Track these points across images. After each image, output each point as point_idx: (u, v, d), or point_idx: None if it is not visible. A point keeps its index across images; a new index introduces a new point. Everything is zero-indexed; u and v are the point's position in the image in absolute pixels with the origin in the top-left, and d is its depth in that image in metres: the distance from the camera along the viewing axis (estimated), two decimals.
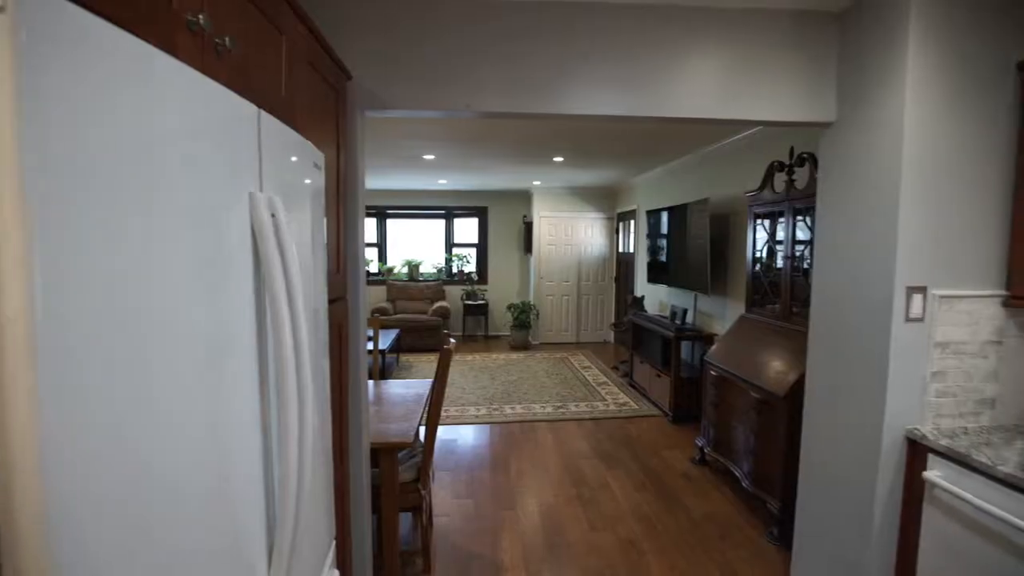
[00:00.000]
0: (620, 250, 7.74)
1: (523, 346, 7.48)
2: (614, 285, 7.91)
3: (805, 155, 2.95)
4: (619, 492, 3.19)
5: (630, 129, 4.02)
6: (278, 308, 0.84)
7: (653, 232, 5.69)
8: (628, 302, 6.50)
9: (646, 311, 5.89)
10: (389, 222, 8.29)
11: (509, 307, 7.68)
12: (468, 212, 8.36)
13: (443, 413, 4.55)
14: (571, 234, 7.80)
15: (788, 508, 2.57)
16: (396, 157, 5.23)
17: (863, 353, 1.84)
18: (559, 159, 5.32)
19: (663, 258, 5.41)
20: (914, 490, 1.72)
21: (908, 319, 1.72)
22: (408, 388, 2.83)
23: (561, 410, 4.73)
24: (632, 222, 7.15)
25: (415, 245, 8.36)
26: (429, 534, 2.49)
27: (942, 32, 1.65)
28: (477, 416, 4.55)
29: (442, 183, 7.34)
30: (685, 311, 4.87)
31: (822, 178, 2.07)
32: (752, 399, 2.91)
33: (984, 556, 1.47)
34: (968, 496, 1.50)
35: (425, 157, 5.24)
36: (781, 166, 3.18)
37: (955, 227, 1.72)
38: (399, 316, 7.15)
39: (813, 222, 2.51)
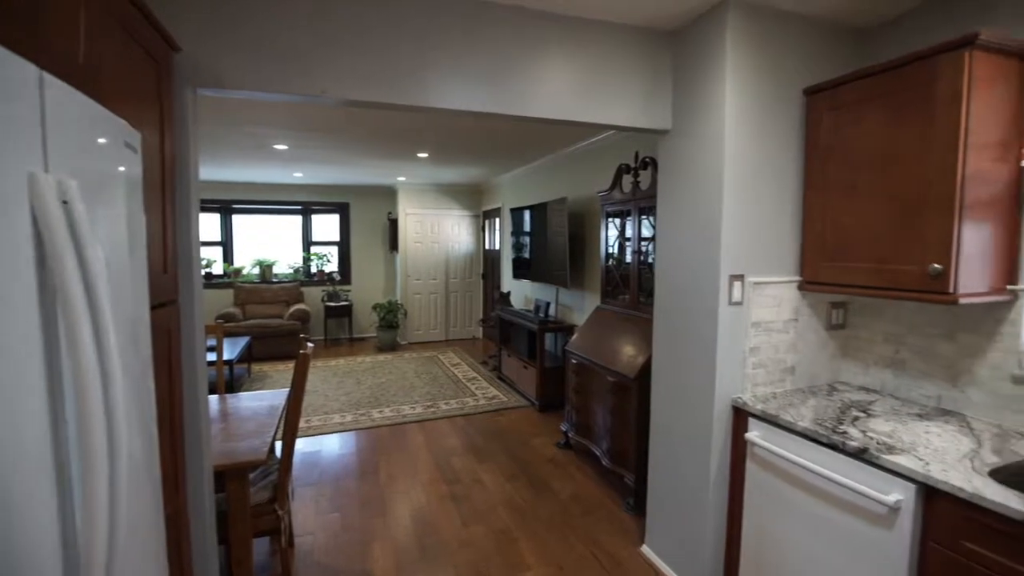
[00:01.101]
0: (487, 247, 7.88)
1: (391, 347, 7.26)
2: (482, 282, 8.04)
3: (648, 159, 3.27)
4: (491, 484, 3.25)
5: (494, 128, 4.09)
6: (74, 319, 0.69)
7: (517, 230, 5.89)
8: (495, 298, 6.65)
9: (512, 306, 6.08)
10: (237, 218, 7.46)
11: (375, 307, 7.39)
12: (328, 208, 7.87)
13: (303, 424, 4.23)
14: (438, 231, 7.75)
15: (642, 479, 2.83)
16: (243, 145, 4.72)
17: (697, 334, 2.09)
18: (423, 155, 5.24)
19: (527, 255, 5.63)
20: (739, 448, 2.00)
21: (731, 303, 1.99)
22: (260, 400, 2.56)
23: (432, 409, 4.68)
24: (497, 220, 7.32)
25: (268, 244, 7.64)
26: (289, 557, 2.29)
27: (750, 61, 1.94)
28: (342, 423, 4.30)
29: (298, 176, 6.80)
30: (548, 304, 5.11)
31: (661, 181, 2.30)
32: (608, 383, 3.15)
33: (789, 495, 1.77)
34: (777, 449, 1.79)
35: (277, 147, 4.80)
36: (628, 169, 3.48)
37: (764, 225, 2.03)
38: (250, 322, 6.48)
39: (656, 220, 2.79)
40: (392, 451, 3.76)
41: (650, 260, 3.29)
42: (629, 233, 3.53)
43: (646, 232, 3.33)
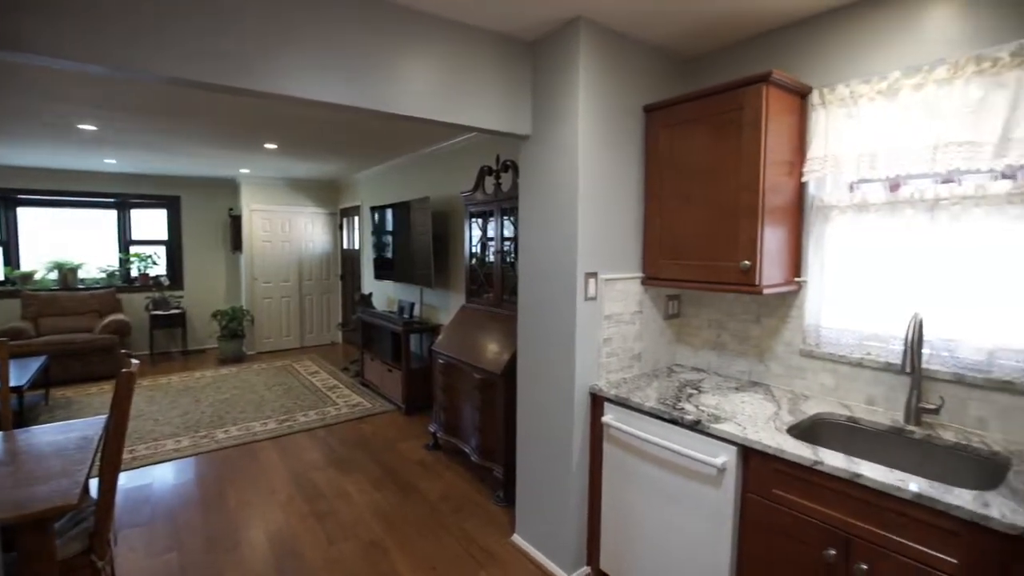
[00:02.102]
0: (345, 247, 7.50)
1: (236, 359, 6.54)
2: (340, 283, 7.63)
3: (509, 162, 3.39)
4: (358, 495, 3.10)
5: (353, 122, 3.90)
6: None
7: (379, 229, 5.69)
8: (356, 300, 6.36)
9: (375, 308, 5.87)
10: (24, 211, 6.09)
11: (215, 315, 6.59)
12: (153, 202, 6.80)
13: (128, 454, 3.62)
14: (289, 230, 7.17)
15: (510, 471, 2.93)
16: (35, 123, 3.86)
17: (558, 328, 2.23)
18: (272, 146, 4.81)
19: (389, 254, 5.47)
20: (597, 431, 2.18)
21: (587, 298, 2.16)
22: (68, 432, 2.13)
23: (288, 423, 4.31)
24: (356, 218, 7.00)
25: (71, 243, 6.36)
26: None
27: (600, 76, 2.11)
28: (178, 449, 3.77)
29: (111, 163, 5.77)
30: (412, 305, 5.03)
31: (522, 183, 2.41)
32: (475, 380, 3.21)
33: (640, 468, 1.97)
34: (629, 428, 1.98)
35: (82, 127, 4.02)
36: (490, 171, 3.57)
37: (613, 227, 2.23)
38: (47, 339, 5.35)
39: (517, 221, 2.90)
40: (242, 474, 3.39)
41: (511, 259, 3.42)
42: (492, 233, 3.62)
43: (508, 232, 3.45)
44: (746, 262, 1.88)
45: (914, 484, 1.29)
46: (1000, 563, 1.16)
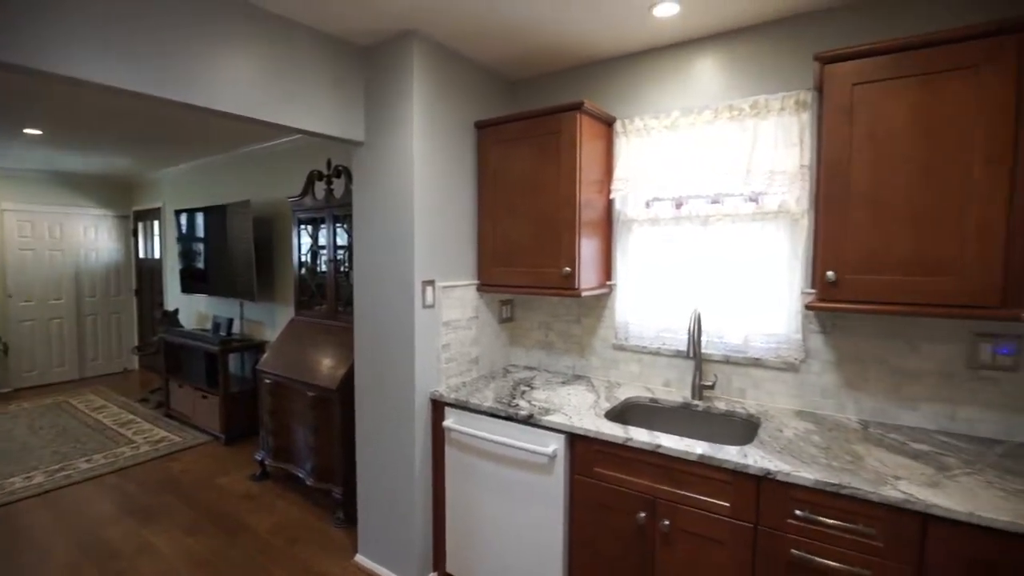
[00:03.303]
0: (142, 255, 6.40)
1: None
2: (136, 299, 6.49)
3: (341, 168, 3.26)
4: (167, 547, 2.67)
5: (149, 109, 3.38)
6: None
7: (187, 235, 4.99)
8: (158, 318, 5.47)
9: (182, 326, 5.12)
10: None
11: None
12: None
13: None
14: (61, 236, 5.88)
15: (350, 489, 2.81)
16: None
17: (397, 337, 2.21)
18: (34, 131, 3.91)
19: (201, 264, 4.83)
20: (439, 437, 2.21)
21: (425, 306, 2.19)
22: None
23: (64, 473, 3.52)
24: (157, 223, 6.04)
25: None
26: None
27: (435, 90, 2.17)
28: None
29: None
30: (231, 321, 4.51)
31: (356, 190, 2.35)
32: (309, 398, 3.01)
33: (481, 467, 2.06)
34: (469, 430, 2.06)
35: None
36: (321, 176, 3.39)
37: (449, 236, 2.30)
38: None
39: (352, 228, 2.81)
40: None
41: (346, 269, 3.29)
42: (324, 241, 3.44)
43: (343, 240, 3.31)
44: (567, 268, 2.10)
45: (699, 447, 1.58)
46: (755, 499, 1.48)
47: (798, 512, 1.42)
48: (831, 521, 1.37)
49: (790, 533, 1.44)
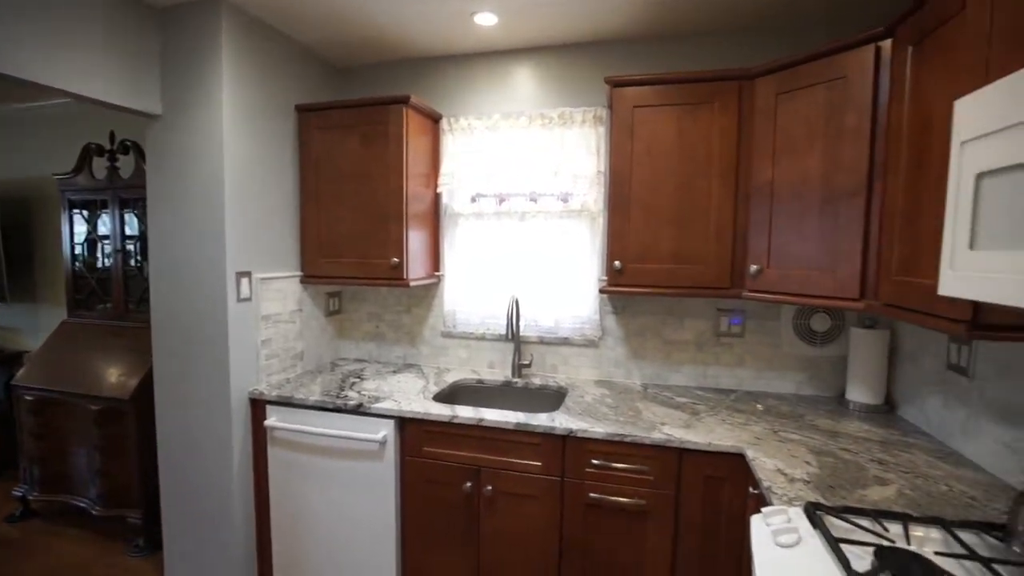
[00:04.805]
0: None
1: None
2: None
3: (129, 142, 2.81)
4: None
5: None
6: None
7: None
8: None
9: None
10: None
11: None
12: None
13: None
14: None
15: (153, 511, 2.48)
16: None
17: (207, 334, 2.02)
18: None
19: None
20: (260, 438, 2.09)
21: (239, 299, 2.04)
22: None
23: None
24: None
25: None
26: None
27: (248, 69, 2.01)
28: None
29: None
30: None
31: (152, 170, 2.07)
32: (93, 413, 2.55)
33: (310, 463, 2.01)
34: (294, 426, 1.99)
35: None
36: (102, 151, 2.88)
37: (267, 225, 2.17)
38: None
39: (145, 214, 2.46)
40: None
41: (138, 261, 2.86)
42: (107, 229, 2.93)
43: (132, 229, 2.86)
44: (395, 259, 2.15)
45: (515, 417, 1.78)
46: (561, 455, 1.73)
47: (594, 461, 1.69)
48: (618, 465, 1.67)
49: (588, 480, 1.71)
